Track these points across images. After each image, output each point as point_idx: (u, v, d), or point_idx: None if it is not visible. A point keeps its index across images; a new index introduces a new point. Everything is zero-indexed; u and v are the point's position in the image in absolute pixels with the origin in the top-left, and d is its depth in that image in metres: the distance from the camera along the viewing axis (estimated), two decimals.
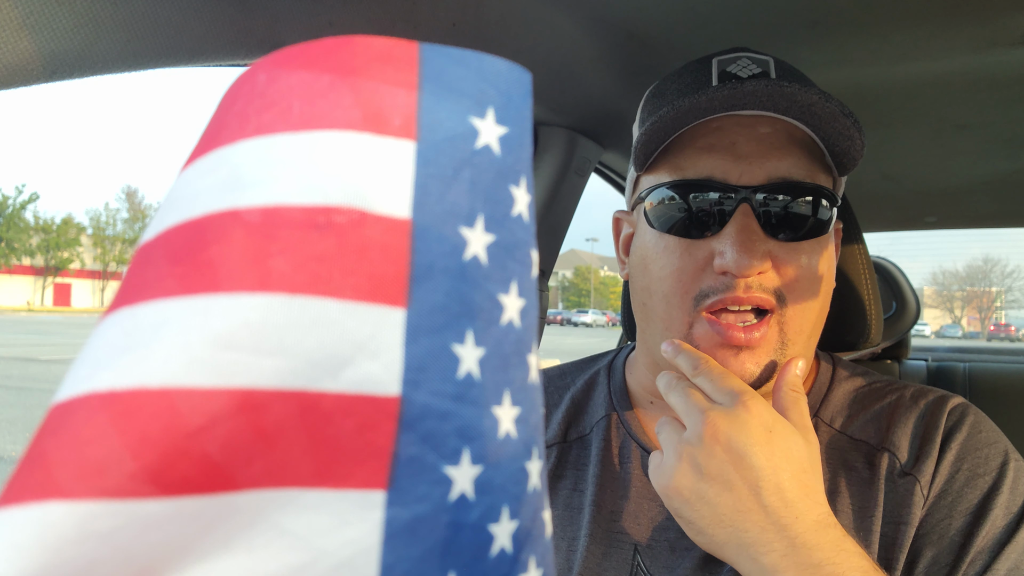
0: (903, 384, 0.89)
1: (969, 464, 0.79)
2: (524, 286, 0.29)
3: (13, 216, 55.96)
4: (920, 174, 1.87)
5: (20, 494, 0.23)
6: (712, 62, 0.83)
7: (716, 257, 0.77)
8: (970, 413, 0.84)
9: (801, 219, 0.79)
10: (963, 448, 0.80)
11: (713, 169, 0.78)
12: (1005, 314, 79.16)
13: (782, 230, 0.78)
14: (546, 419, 0.96)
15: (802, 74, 0.84)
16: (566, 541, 0.88)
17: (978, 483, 0.78)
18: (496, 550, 0.28)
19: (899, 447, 0.82)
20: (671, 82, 0.86)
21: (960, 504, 0.77)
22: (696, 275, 0.79)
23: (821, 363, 0.93)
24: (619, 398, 0.95)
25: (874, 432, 0.84)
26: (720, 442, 0.70)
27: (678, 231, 0.80)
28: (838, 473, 0.82)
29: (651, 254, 0.83)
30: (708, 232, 0.79)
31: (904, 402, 0.86)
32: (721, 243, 0.77)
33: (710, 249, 0.78)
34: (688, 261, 0.79)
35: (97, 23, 0.58)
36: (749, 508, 0.68)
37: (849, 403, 0.88)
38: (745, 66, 0.81)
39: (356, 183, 0.26)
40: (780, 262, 0.78)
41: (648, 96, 0.89)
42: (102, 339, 0.26)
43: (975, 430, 0.82)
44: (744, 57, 0.82)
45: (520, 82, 0.29)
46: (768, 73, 0.81)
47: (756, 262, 0.75)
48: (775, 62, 0.82)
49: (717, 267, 0.77)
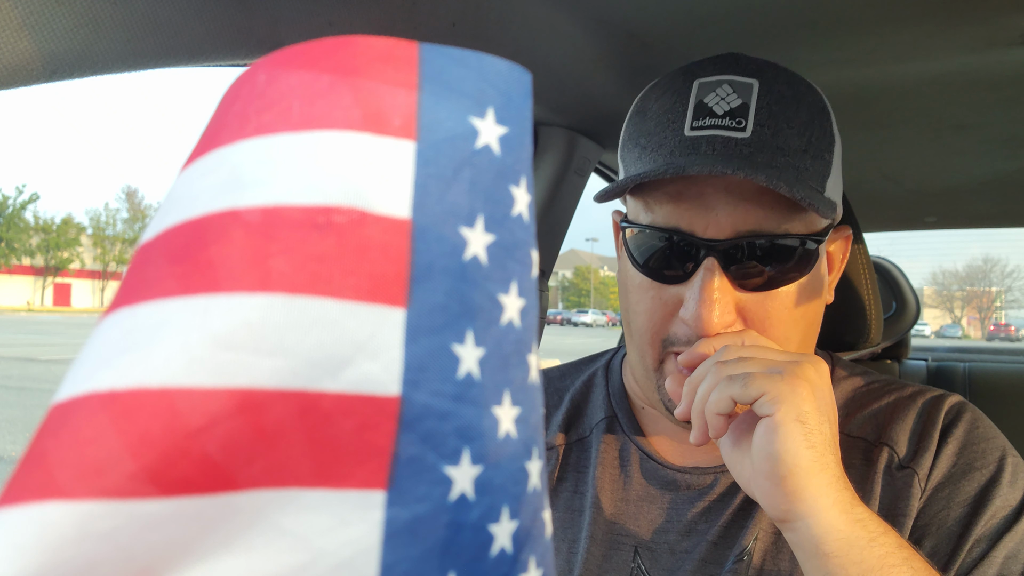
0: (902, 383, 0.89)
1: (967, 457, 0.80)
2: (524, 286, 0.29)
3: (13, 216, 55.97)
4: (920, 174, 1.87)
5: (20, 494, 0.23)
6: (693, 85, 0.78)
7: (682, 308, 0.76)
8: (968, 410, 0.84)
9: (771, 273, 0.76)
10: (961, 442, 0.81)
11: (679, 219, 0.75)
12: (1005, 314, 79.20)
13: (750, 283, 0.76)
14: (546, 421, 0.96)
15: (792, 96, 0.78)
16: (567, 543, 0.88)
17: (976, 475, 0.78)
18: (496, 550, 0.28)
19: (898, 442, 0.82)
20: (654, 100, 0.82)
21: (958, 495, 0.77)
22: (665, 319, 0.79)
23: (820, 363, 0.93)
24: (618, 400, 0.95)
25: (872, 429, 0.84)
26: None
27: (650, 272, 0.79)
28: None
29: (630, 285, 0.83)
30: (676, 280, 0.77)
31: (903, 400, 0.86)
32: (687, 294, 0.76)
33: (679, 295, 0.77)
34: (658, 304, 0.79)
35: (97, 23, 0.58)
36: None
37: (847, 402, 0.88)
38: (725, 96, 0.77)
39: (356, 183, 0.26)
40: (749, 312, 0.76)
41: (632, 113, 0.86)
42: (102, 339, 0.26)
43: (973, 426, 0.82)
44: (726, 83, 0.77)
45: (520, 82, 0.29)
46: (748, 105, 0.76)
47: (719, 319, 0.74)
48: (760, 88, 0.77)
49: (682, 317, 0.76)
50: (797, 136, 0.75)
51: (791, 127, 0.76)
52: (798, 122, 0.76)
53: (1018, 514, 0.76)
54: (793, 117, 0.76)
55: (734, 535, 0.80)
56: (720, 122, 0.75)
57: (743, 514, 0.81)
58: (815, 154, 0.77)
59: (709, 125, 0.75)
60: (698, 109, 0.77)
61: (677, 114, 0.78)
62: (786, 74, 0.80)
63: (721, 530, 0.81)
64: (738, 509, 0.81)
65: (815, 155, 0.77)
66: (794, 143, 0.75)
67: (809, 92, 0.80)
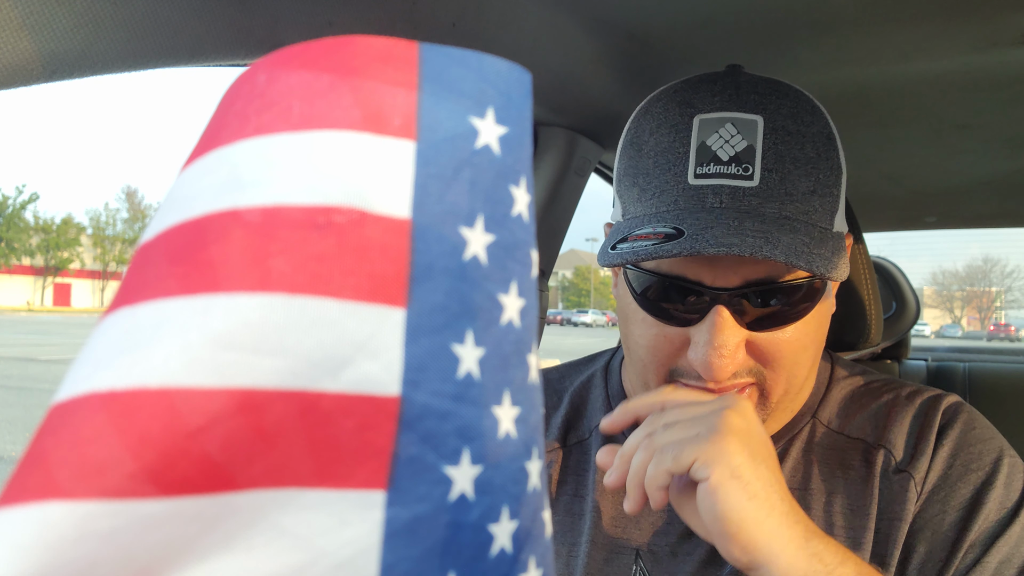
0: (900, 383, 0.89)
1: (963, 459, 0.79)
2: (524, 286, 0.29)
3: (13, 216, 55.98)
4: (920, 174, 1.87)
5: (20, 494, 0.23)
6: (693, 123, 0.75)
7: (690, 349, 0.74)
8: (964, 411, 0.84)
9: (781, 312, 0.74)
10: (957, 444, 0.80)
11: (685, 269, 0.73)
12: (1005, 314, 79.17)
13: (760, 324, 0.74)
14: (545, 422, 0.96)
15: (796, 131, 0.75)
16: (566, 547, 0.87)
17: (971, 478, 0.78)
18: (496, 550, 0.28)
19: (895, 444, 0.82)
20: (649, 134, 0.78)
21: (953, 499, 0.77)
22: (672, 355, 0.77)
23: (820, 362, 0.93)
24: (617, 401, 0.94)
25: (871, 430, 0.84)
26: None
27: (653, 311, 0.76)
28: (835, 474, 0.82)
29: (630, 315, 0.80)
30: (682, 322, 0.75)
31: (900, 400, 0.86)
32: (695, 337, 0.74)
33: (686, 335, 0.75)
34: (663, 341, 0.77)
35: (97, 23, 0.58)
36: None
37: (847, 403, 0.88)
38: (728, 139, 0.73)
39: (356, 183, 0.26)
40: (759, 348, 0.75)
41: (626, 144, 0.82)
42: (102, 339, 0.26)
43: (969, 427, 0.82)
44: (729, 122, 0.74)
45: (520, 82, 0.29)
46: (754, 148, 0.73)
47: (730, 366, 0.72)
48: (764, 126, 0.73)
49: (690, 359, 0.74)
50: (805, 177, 0.73)
51: (799, 167, 0.73)
52: (804, 160, 0.74)
53: (1013, 516, 0.75)
54: (800, 156, 0.74)
55: None
56: (726, 169, 0.72)
57: None
58: (823, 192, 0.74)
59: (715, 173, 0.73)
60: (701, 153, 0.74)
61: (678, 156, 0.75)
62: (790, 103, 0.76)
63: None
64: None
65: (823, 193, 0.74)
66: (802, 185, 0.73)
67: (815, 121, 0.77)
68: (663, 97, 0.81)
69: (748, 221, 0.70)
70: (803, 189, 0.73)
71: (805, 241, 0.70)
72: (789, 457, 0.84)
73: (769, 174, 0.72)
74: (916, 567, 0.76)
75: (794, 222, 0.72)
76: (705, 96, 0.77)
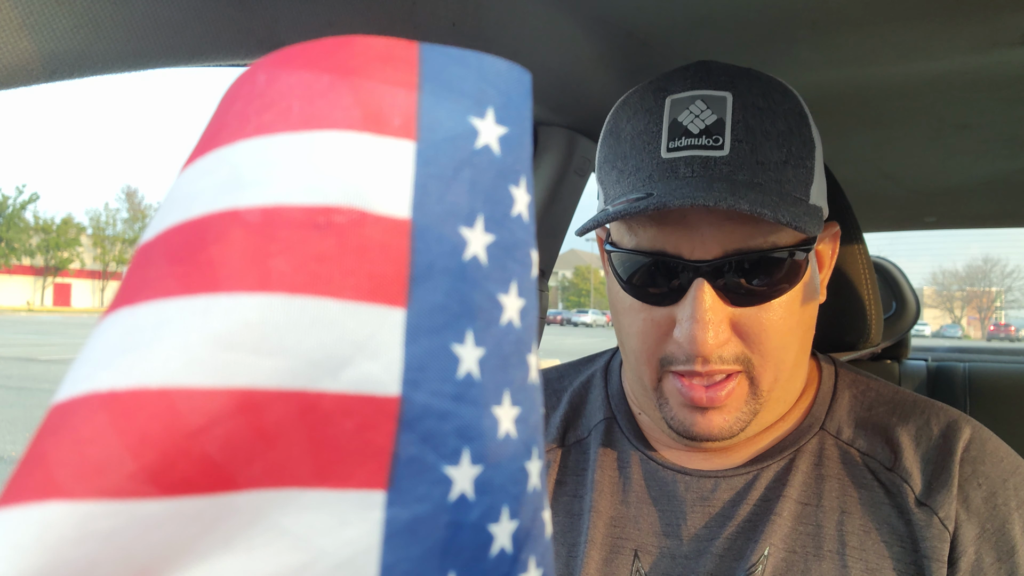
0: (910, 395, 0.87)
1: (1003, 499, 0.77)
2: (524, 286, 0.29)
3: (13, 216, 55.98)
4: (920, 174, 1.87)
5: (20, 494, 0.23)
6: (665, 103, 0.77)
7: (675, 328, 0.75)
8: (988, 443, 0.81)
9: (763, 287, 0.75)
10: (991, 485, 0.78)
11: (665, 243, 0.74)
12: (1005, 314, 79.12)
13: (742, 299, 0.75)
14: (544, 422, 0.96)
15: (767, 107, 0.76)
16: (566, 547, 0.87)
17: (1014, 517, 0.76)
18: (496, 550, 0.28)
19: (911, 472, 0.79)
20: (625, 121, 0.80)
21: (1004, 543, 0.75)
22: (660, 340, 0.78)
23: (823, 369, 0.91)
24: (617, 401, 0.94)
25: (881, 448, 0.82)
26: None
27: (638, 294, 0.78)
28: (848, 492, 0.80)
29: (620, 306, 0.82)
30: (666, 301, 0.76)
31: (914, 419, 0.83)
32: (679, 315, 0.75)
33: (672, 315, 0.76)
34: (651, 326, 0.78)
35: (97, 23, 0.58)
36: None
37: (856, 415, 0.86)
38: (699, 113, 0.75)
39: (356, 183, 0.26)
40: (742, 328, 0.75)
41: (605, 134, 0.84)
42: (102, 339, 0.26)
43: (995, 457, 0.80)
44: (699, 99, 0.75)
45: (520, 82, 0.29)
46: (723, 122, 0.74)
47: (714, 339, 0.73)
48: (733, 101, 0.75)
49: (675, 339, 0.75)
50: (777, 148, 0.74)
51: (769, 139, 0.74)
52: (776, 133, 0.74)
53: None
54: (771, 129, 0.74)
55: (741, 548, 0.79)
56: (696, 141, 0.74)
57: (750, 526, 0.80)
58: (796, 163, 0.75)
59: (686, 145, 0.74)
60: (672, 129, 0.75)
61: (652, 135, 0.76)
62: (760, 83, 0.77)
63: (727, 542, 0.80)
64: (744, 522, 0.80)
65: (796, 164, 0.75)
66: (774, 156, 0.74)
67: (785, 99, 0.77)
68: (640, 88, 0.83)
69: (718, 183, 0.71)
70: (775, 159, 0.74)
71: (774, 200, 0.71)
72: (797, 471, 0.82)
73: (739, 144, 0.73)
74: None
75: (765, 187, 0.73)
76: (677, 80, 0.79)
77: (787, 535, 0.78)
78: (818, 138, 0.80)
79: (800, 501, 0.80)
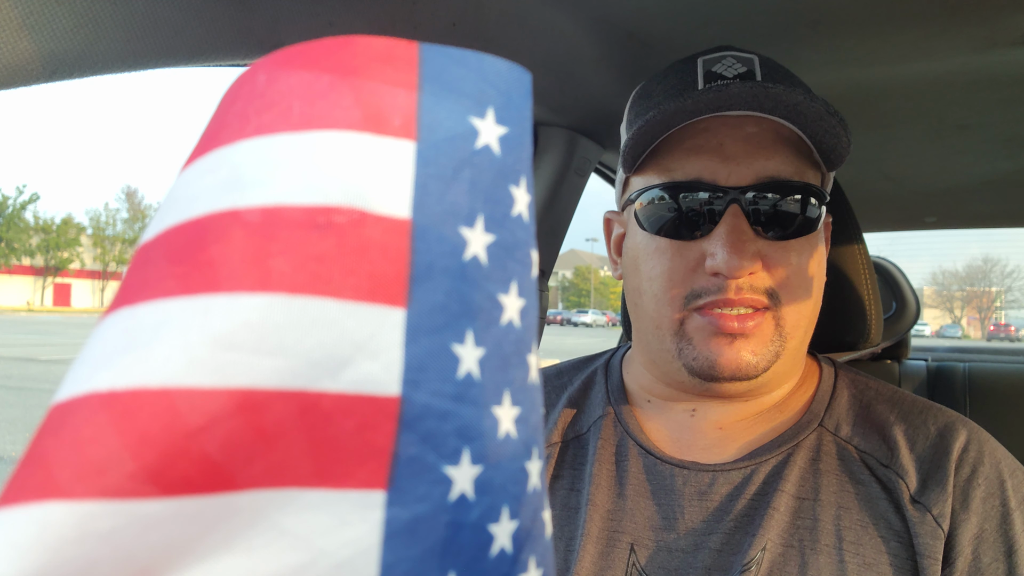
0: (911, 398, 0.88)
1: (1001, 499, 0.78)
2: (524, 286, 0.29)
3: (13, 216, 55.99)
4: (920, 174, 1.87)
5: (20, 494, 0.23)
6: (697, 62, 0.84)
7: (707, 258, 0.78)
8: (985, 448, 0.81)
9: (790, 217, 0.79)
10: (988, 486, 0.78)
11: (701, 171, 0.78)
12: (1005, 314, 79.10)
13: (772, 229, 0.79)
14: (544, 418, 0.96)
15: (788, 71, 0.84)
16: (563, 541, 0.87)
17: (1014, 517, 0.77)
18: (496, 550, 0.28)
19: (907, 471, 0.80)
20: (657, 83, 0.86)
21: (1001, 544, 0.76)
22: (687, 276, 0.80)
23: (823, 368, 0.92)
24: (616, 396, 0.94)
25: (878, 445, 0.82)
26: None
27: (668, 232, 0.81)
28: (845, 487, 0.81)
29: (642, 255, 0.84)
30: (698, 233, 0.79)
31: (912, 419, 0.84)
32: (711, 244, 0.78)
33: (701, 250, 0.79)
34: (679, 262, 0.80)
35: (97, 23, 0.58)
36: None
37: (855, 413, 0.86)
38: (730, 65, 0.82)
39: (356, 183, 0.26)
40: (771, 261, 0.79)
41: (634, 98, 0.90)
42: (102, 339, 0.26)
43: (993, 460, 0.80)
44: (729, 56, 0.83)
45: (520, 82, 0.29)
46: (753, 72, 0.81)
47: (746, 263, 0.76)
48: (760, 60, 0.83)
49: (708, 268, 0.78)
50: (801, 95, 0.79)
51: (796, 86, 0.78)
52: (801, 86, 0.81)
53: None
54: (795, 81, 0.82)
55: (738, 542, 0.79)
56: (731, 83, 0.77)
57: (747, 521, 0.80)
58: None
59: (721, 85, 0.77)
60: (708, 76, 0.81)
61: (686, 84, 0.82)
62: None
63: (725, 537, 0.80)
64: (742, 516, 0.80)
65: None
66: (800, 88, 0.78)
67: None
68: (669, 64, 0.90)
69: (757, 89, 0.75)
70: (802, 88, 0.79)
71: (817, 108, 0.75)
72: (795, 465, 0.82)
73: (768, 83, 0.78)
74: None
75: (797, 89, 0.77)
76: (705, 52, 0.86)
77: (784, 529, 0.78)
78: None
79: (797, 496, 0.80)
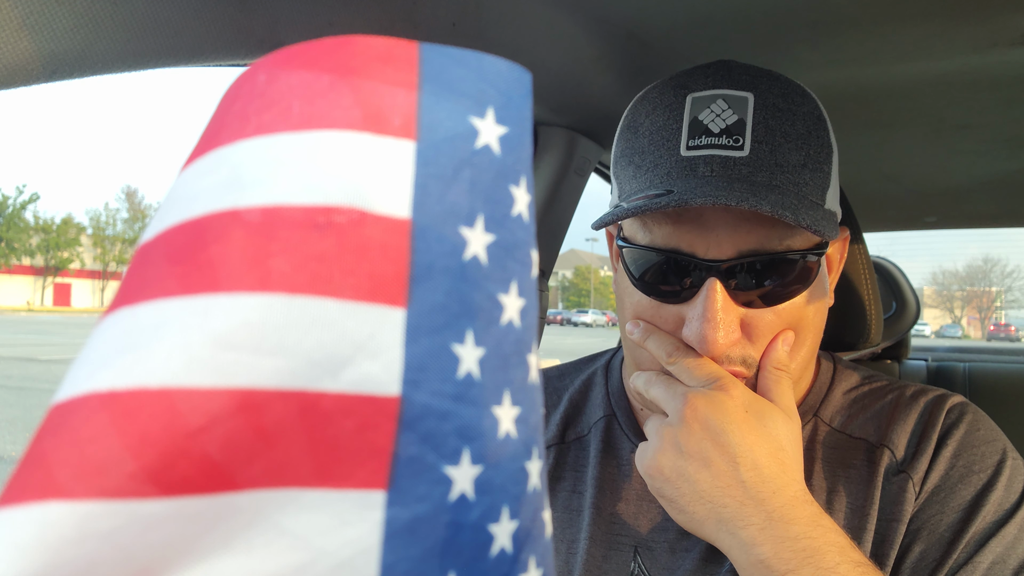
0: (903, 383, 0.89)
1: (965, 460, 0.79)
2: (524, 286, 0.29)
3: (13, 216, 55.99)
4: (920, 174, 1.87)
5: (20, 494, 0.23)
6: (686, 101, 0.77)
7: (684, 327, 0.76)
8: (969, 411, 0.83)
9: (775, 289, 0.75)
10: (960, 445, 0.80)
11: (680, 241, 0.74)
12: (1005, 314, 79.11)
13: (755, 300, 0.75)
14: (544, 420, 0.96)
15: (786, 108, 0.76)
16: (565, 543, 0.87)
17: (972, 479, 0.78)
18: (496, 550, 0.28)
19: (897, 444, 0.82)
20: (644, 116, 0.80)
21: (952, 500, 0.77)
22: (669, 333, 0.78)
23: (822, 362, 0.93)
24: (617, 399, 0.94)
25: (873, 430, 0.84)
26: (699, 420, 0.71)
27: (649, 290, 0.78)
28: (836, 472, 0.82)
29: (626, 299, 0.82)
30: (677, 299, 0.76)
31: (904, 400, 0.86)
32: (689, 314, 0.75)
33: (680, 314, 0.77)
34: (659, 321, 0.78)
35: (97, 23, 0.58)
36: (727, 483, 0.69)
37: (849, 403, 0.88)
38: (720, 112, 0.75)
39: (356, 183, 0.26)
40: (753, 328, 0.76)
41: (623, 128, 0.84)
42: (102, 339, 0.26)
43: (973, 427, 0.82)
44: (720, 98, 0.75)
45: (520, 82, 0.29)
46: (744, 122, 0.74)
47: (724, 338, 0.73)
48: (755, 101, 0.75)
49: (684, 338, 0.76)
50: (795, 150, 0.74)
51: (789, 141, 0.74)
52: (795, 135, 0.75)
53: (1009, 517, 0.75)
54: (790, 131, 0.75)
55: None
56: (717, 140, 0.74)
57: None
58: (814, 167, 0.75)
59: (706, 144, 0.74)
60: (693, 127, 0.75)
61: (671, 132, 0.76)
62: (780, 84, 0.78)
63: None
64: None
65: (814, 168, 0.75)
66: (793, 158, 0.74)
67: (805, 102, 0.78)
68: (659, 84, 0.83)
69: (737, 183, 0.72)
70: (793, 162, 0.74)
71: (793, 202, 0.71)
72: None
73: (759, 145, 0.74)
74: (910, 567, 0.76)
75: (784, 189, 0.73)
76: (698, 79, 0.79)
77: None
78: (835, 144, 0.81)
79: None
